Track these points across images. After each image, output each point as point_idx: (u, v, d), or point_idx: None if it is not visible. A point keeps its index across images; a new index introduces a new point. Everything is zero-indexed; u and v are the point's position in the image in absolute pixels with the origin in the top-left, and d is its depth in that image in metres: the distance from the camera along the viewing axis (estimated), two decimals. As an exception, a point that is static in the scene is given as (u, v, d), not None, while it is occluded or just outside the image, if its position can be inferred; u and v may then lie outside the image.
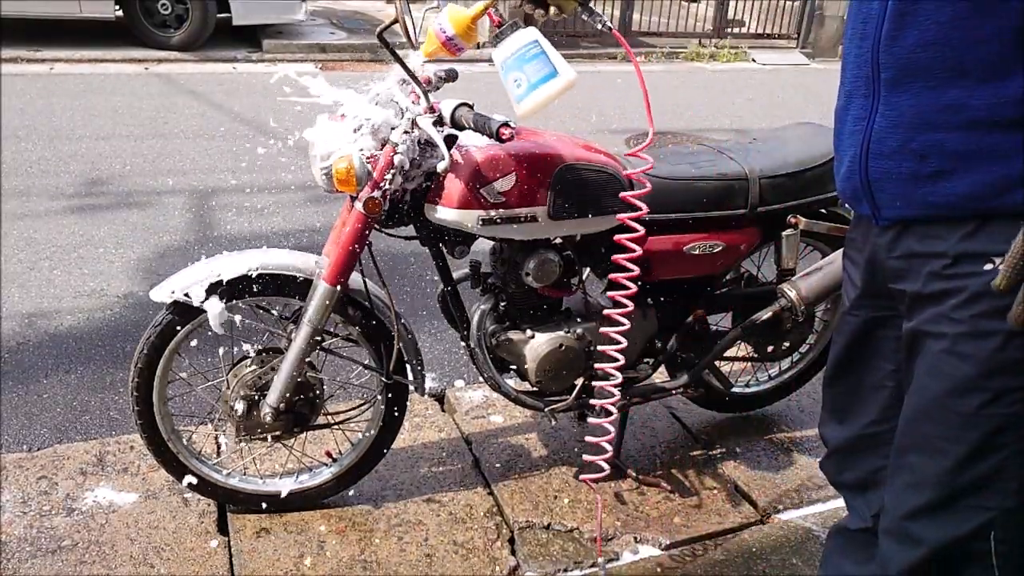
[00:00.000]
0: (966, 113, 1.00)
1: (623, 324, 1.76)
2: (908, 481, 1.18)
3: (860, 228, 1.27)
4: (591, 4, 1.56)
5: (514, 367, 2.05)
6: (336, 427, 2.07)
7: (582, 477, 2.11)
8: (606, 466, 1.91)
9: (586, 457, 1.94)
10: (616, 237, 1.72)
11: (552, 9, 1.54)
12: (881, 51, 1.06)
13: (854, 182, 1.16)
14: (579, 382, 2.05)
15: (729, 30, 9.22)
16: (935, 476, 1.13)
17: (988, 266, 1.02)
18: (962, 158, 1.01)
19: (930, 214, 1.07)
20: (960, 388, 1.08)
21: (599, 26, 1.60)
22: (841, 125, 1.19)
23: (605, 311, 1.88)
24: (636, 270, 1.72)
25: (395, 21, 1.54)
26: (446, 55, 1.60)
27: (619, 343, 1.77)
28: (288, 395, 1.86)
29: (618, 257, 1.73)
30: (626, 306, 1.75)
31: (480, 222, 1.75)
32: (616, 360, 1.79)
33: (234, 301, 1.82)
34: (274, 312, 1.94)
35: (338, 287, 1.78)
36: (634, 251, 1.70)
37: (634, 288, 1.74)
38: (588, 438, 1.89)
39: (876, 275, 1.23)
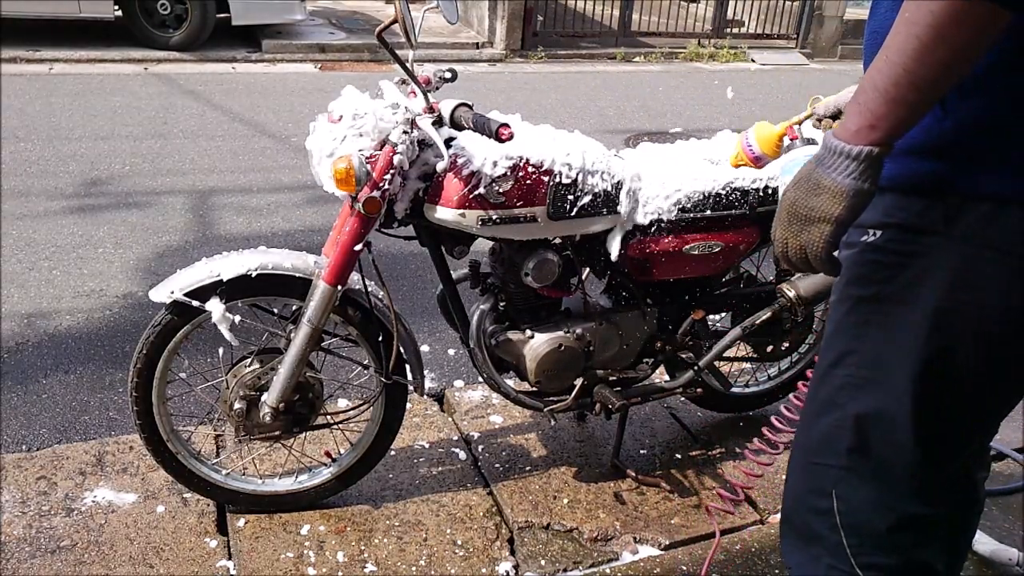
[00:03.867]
0: None
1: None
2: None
3: None
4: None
5: (513, 367, 2.05)
6: (335, 427, 2.07)
7: (710, 506, 2.10)
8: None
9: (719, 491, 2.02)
10: None
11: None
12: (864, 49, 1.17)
13: None
14: (578, 382, 2.06)
15: (728, 30, 9.22)
16: (798, 429, 1.24)
17: (865, 237, 1.09)
18: None
19: None
20: (824, 347, 1.19)
21: None
22: None
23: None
24: None
25: (394, 21, 1.54)
26: (752, 167, 1.73)
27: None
28: (287, 395, 1.86)
29: None
30: None
31: (479, 222, 1.75)
32: None
33: (234, 301, 1.82)
34: (274, 312, 1.94)
35: (338, 287, 1.79)
36: None
37: None
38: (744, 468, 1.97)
39: None
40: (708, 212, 1.95)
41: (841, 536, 1.18)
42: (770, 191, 1.99)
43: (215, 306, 1.79)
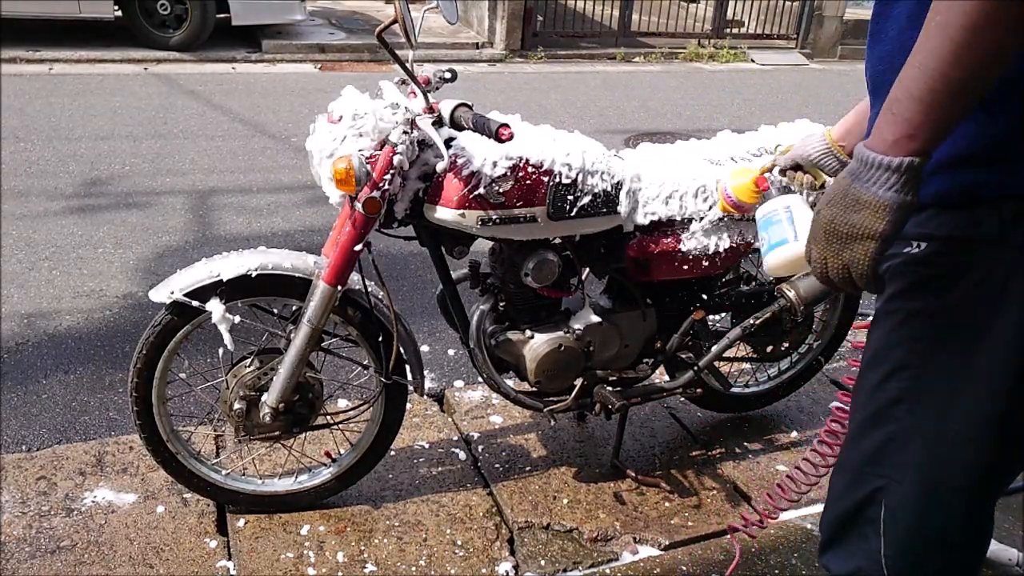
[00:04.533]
0: None
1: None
2: (842, 448, 1.26)
3: None
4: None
5: (513, 367, 2.05)
6: (335, 427, 2.07)
7: (729, 524, 2.03)
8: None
9: (745, 514, 1.96)
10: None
11: (807, 177, 1.61)
12: (866, 68, 1.15)
13: None
14: (578, 383, 2.06)
15: (728, 30, 9.22)
16: (848, 440, 1.22)
17: (908, 248, 1.07)
18: None
19: None
20: (872, 359, 1.16)
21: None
22: None
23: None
24: None
25: (394, 21, 1.54)
26: (736, 213, 1.84)
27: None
28: (287, 395, 1.86)
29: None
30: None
31: (479, 222, 1.75)
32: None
33: (234, 302, 1.82)
34: (274, 312, 1.94)
35: (337, 287, 1.79)
36: None
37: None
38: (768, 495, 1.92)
39: None
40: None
41: (881, 544, 1.16)
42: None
43: (215, 306, 1.79)
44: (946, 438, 1.09)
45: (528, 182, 1.76)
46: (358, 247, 1.75)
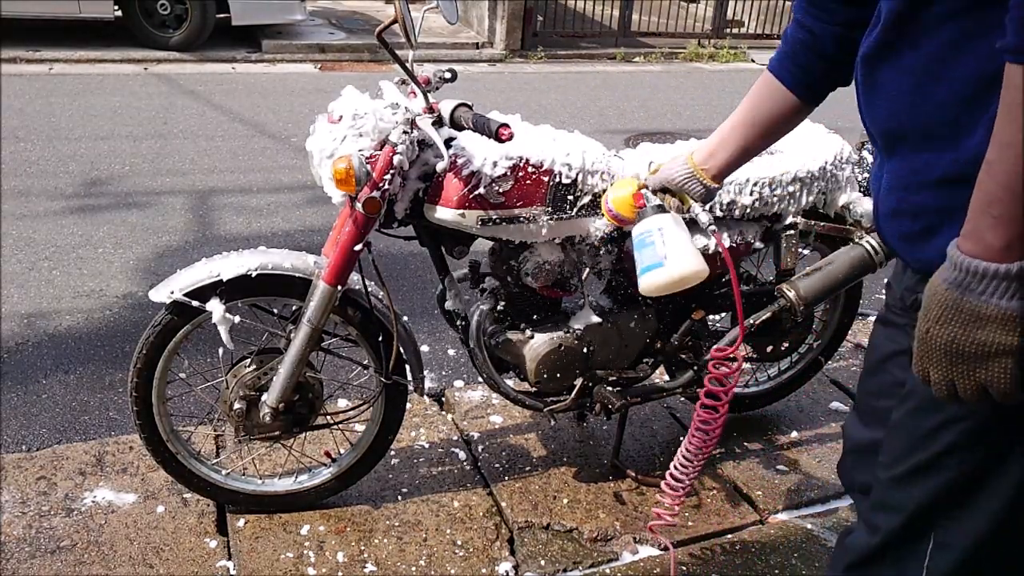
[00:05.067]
0: (937, 172, 1.01)
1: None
2: (879, 483, 1.23)
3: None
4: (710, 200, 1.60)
5: (513, 367, 2.05)
6: (335, 427, 2.08)
7: (649, 524, 2.01)
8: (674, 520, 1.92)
9: (656, 511, 1.94)
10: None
11: (675, 200, 1.56)
12: (865, 119, 1.11)
13: (883, 236, 1.18)
14: (578, 382, 2.06)
15: (728, 30, 9.22)
16: (892, 480, 1.18)
17: None
18: (940, 214, 1.03)
19: (928, 269, 1.07)
20: (919, 406, 1.12)
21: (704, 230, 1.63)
22: None
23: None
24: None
25: (394, 21, 1.54)
26: (619, 225, 1.73)
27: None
28: (287, 395, 1.86)
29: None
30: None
31: (479, 222, 1.75)
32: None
33: (234, 302, 1.83)
34: (274, 312, 1.94)
35: (337, 287, 1.79)
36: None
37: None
38: (659, 496, 1.89)
39: (905, 304, 1.24)
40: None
41: (922, 574, 1.15)
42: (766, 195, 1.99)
43: (215, 306, 1.79)
44: (1005, 485, 1.07)
45: (528, 182, 1.76)
46: (358, 247, 1.75)
